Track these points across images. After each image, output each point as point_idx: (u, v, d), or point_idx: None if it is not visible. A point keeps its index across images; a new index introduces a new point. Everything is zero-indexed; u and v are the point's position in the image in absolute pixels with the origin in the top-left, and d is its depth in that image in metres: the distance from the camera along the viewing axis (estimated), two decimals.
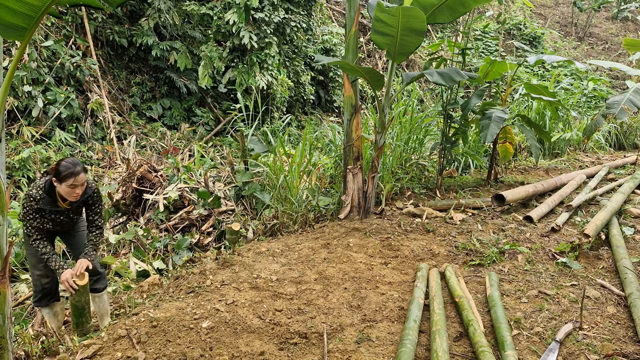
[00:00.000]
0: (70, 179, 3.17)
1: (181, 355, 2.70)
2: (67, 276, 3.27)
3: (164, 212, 5.76)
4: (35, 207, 3.29)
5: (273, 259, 4.19)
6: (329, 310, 3.25)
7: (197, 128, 10.50)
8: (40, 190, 3.30)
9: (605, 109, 6.40)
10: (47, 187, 3.31)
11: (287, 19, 10.54)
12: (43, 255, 3.37)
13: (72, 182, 3.19)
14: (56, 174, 3.19)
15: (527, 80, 12.59)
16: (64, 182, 3.18)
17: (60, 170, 3.18)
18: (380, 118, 5.04)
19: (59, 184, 3.21)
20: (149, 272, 4.84)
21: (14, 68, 2.13)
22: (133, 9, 10.35)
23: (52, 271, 3.66)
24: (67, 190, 3.22)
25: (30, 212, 3.30)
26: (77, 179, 3.19)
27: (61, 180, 3.18)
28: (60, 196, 3.33)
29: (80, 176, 3.21)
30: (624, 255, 3.78)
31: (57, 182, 3.21)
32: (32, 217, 3.32)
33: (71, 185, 3.20)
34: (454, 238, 4.61)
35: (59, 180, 3.19)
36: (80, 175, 3.21)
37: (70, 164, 3.21)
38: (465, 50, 5.93)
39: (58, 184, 3.21)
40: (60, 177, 3.18)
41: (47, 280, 3.63)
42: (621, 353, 2.65)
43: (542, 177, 7.02)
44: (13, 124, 8.13)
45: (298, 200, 5.36)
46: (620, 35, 19.38)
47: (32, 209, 3.30)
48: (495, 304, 3.12)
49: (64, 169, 3.17)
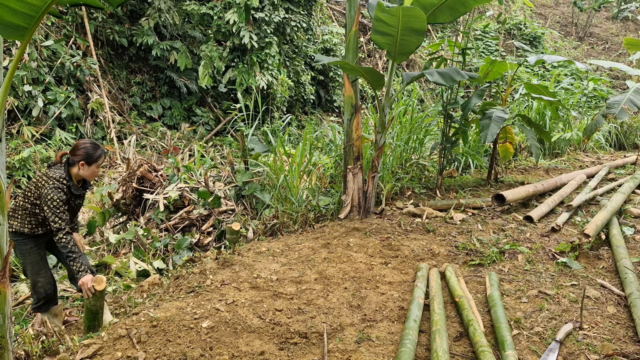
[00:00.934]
0: (101, 158, 3.41)
1: (181, 355, 2.70)
2: (87, 280, 3.25)
3: (164, 211, 5.76)
4: (64, 198, 3.33)
5: (273, 258, 4.19)
6: (329, 310, 3.25)
7: (197, 128, 10.50)
8: (65, 180, 3.39)
9: (606, 109, 6.40)
10: (68, 175, 3.41)
11: (288, 18, 10.54)
12: (72, 254, 3.31)
13: (101, 161, 3.42)
14: (87, 157, 3.35)
15: (528, 80, 12.59)
16: (94, 163, 3.37)
17: (90, 152, 3.36)
18: (381, 118, 5.04)
19: (87, 166, 3.36)
20: (149, 272, 4.84)
21: (14, 68, 2.13)
22: (133, 9, 10.35)
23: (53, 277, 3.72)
24: (94, 170, 3.41)
25: (60, 205, 3.31)
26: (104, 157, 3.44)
27: (92, 161, 3.36)
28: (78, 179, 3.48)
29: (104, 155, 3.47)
30: (624, 255, 3.78)
31: (86, 165, 3.36)
32: (63, 209, 3.34)
33: (99, 165, 3.41)
34: (454, 238, 4.61)
35: (89, 163, 3.35)
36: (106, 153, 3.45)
37: (94, 145, 3.41)
38: (466, 50, 5.93)
39: (87, 166, 3.36)
40: (93, 159, 3.36)
41: (50, 287, 3.63)
42: (621, 353, 2.65)
43: (542, 177, 7.02)
44: (13, 123, 8.13)
45: (298, 200, 5.36)
46: (620, 35, 19.37)
47: (62, 201, 3.32)
48: (495, 304, 3.12)
49: (92, 151, 3.37)
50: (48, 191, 3.30)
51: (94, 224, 5.57)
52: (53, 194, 3.30)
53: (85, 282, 3.25)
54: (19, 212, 3.47)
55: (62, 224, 3.31)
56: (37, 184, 3.42)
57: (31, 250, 3.54)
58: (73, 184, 3.43)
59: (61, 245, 3.32)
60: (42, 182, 3.39)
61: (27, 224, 3.47)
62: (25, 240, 3.52)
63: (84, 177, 3.45)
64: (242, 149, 5.93)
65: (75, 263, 3.31)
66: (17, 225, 3.46)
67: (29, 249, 3.53)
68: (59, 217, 3.31)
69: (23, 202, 3.46)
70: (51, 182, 3.34)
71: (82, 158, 3.35)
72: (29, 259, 3.53)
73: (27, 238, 3.52)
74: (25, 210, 3.46)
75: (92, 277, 3.27)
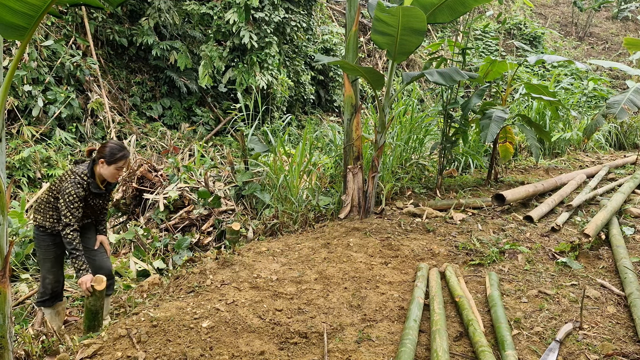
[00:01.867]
0: (121, 161, 3.44)
1: (181, 355, 2.70)
2: (86, 279, 3.29)
3: (164, 211, 5.76)
4: (82, 194, 3.37)
5: (273, 258, 4.19)
6: (329, 310, 3.25)
7: (197, 128, 10.50)
8: (85, 176, 3.42)
9: (606, 109, 6.40)
10: (90, 172, 3.45)
11: (287, 18, 10.54)
12: (75, 252, 3.34)
13: (122, 164, 3.45)
14: (107, 155, 3.39)
15: (528, 80, 12.59)
16: (114, 163, 3.40)
17: (113, 152, 3.40)
18: (381, 118, 5.04)
19: (107, 165, 3.40)
20: (149, 272, 4.85)
21: (14, 68, 2.13)
22: (133, 9, 10.35)
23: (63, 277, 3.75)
24: (113, 172, 3.44)
25: (75, 200, 3.33)
26: (125, 161, 3.47)
27: (112, 162, 3.40)
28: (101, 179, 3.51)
29: (128, 159, 3.50)
30: (624, 255, 3.78)
31: (105, 164, 3.39)
32: (77, 205, 3.36)
33: (119, 167, 3.44)
34: (454, 238, 4.61)
35: (109, 162, 3.39)
36: (128, 158, 3.50)
37: (120, 147, 3.46)
38: (466, 50, 5.92)
39: (106, 165, 3.40)
40: (113, 159, 3.39)
41: (57, 286, 3.65)
42: (621, 353, 2.65)
43: (542, 177, 7.02)
44: (13, 123, 8.13)
45: (298, 200, 5.36)
46: (620, 35, 19.37)
47: (79, 197, 3.35)
48: (495, 304, 3.12)
49: (116, 151, 3.41)
50: (67, 185, 3.35)
51: None
52: (71, 189, 3.33)
53: (84, 281, 3.27)
54: (43, 205, 3.52)
55: (71, 219, 3.32)
56: (62, 177, 3.47)
57: (48, 248, 3.56)
58: (93, 181, 3.45)
59: (67, 241, 3.34)
60: (66, 176, 3.44)
61: (48, 218, 3.50)
62: (45, 236, 3.54)
63: (104, 176, 3.47)
64: (242, 149, 5.93)
65: (77, 261, 3.34)
66: (39, 219, 3.52)
67: (46, 246, 3.55)
68: (71, 212, 3.32)
69: (47, 195, 3.51)
70: (73, 176, 3.39)
71: (104, 156, 3.40)
72: (45, 255, 3.56)
73: (47, 235, 3.53)
74: (49, 204, 3.50)
75: (91, 277, 3.29)
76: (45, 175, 7.53)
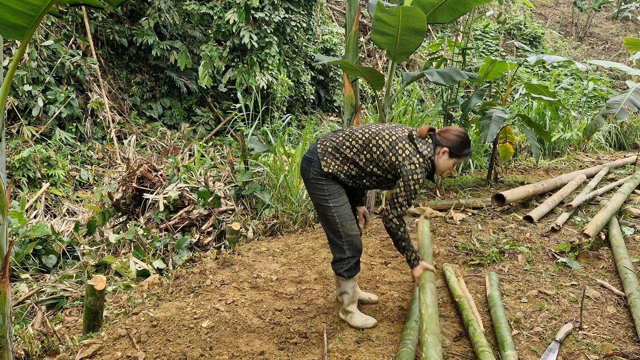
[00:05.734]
0: (466, 157, 2.99)
1: (181, 355, 2.70)
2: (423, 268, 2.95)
3: (164, 211, 5.76)
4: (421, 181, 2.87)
5: (273, 258, 4.19)
6: (329, 310, 3.25)
7: (197, 128, 10.50)
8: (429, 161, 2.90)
9: (606, 109, 6.40)
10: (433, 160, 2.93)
11: (288, 18, 10.54)
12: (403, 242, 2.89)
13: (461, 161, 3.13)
14: (457, 147, 2.91)
15: (528, 80, 12.58)
16: (457, 157, 2.93)
17: (464, 145, 2.93)
18: (381, 118, 5.04)
19: (449, 157, 2.92)
20: (149, 272, 4.84)
21: (14, 67, 2.12)
22: (133, 9, 10.34)
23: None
24: (450, 165, 2.95)
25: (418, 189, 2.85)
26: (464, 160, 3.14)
27: (458, 155, 2.93)
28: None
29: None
30: (624, 255, 3.78)
31: (447, 155, 2.91)
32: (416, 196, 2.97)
33: (458, 163, 3.09)
34: (454, 238, 4.61)
35: (453, 155, 2.91)
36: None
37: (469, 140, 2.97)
38: (466, 50, 5.93)
39: (447, 156, 2.91)
40: (462, 153, 2.93)
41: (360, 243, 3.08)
42: (621, 353, 2.65)
43: (542, 177, 7.02)
44: (13, 123, 8.13)
45: (298, 200, 5.36)
46: (620, 35, 19.37)
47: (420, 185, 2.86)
48: (495, 304, 3.12)
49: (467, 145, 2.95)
50: (416, 168, 2.80)
51: (94, 224, 5.58)
52: (420, 175, 2.81)
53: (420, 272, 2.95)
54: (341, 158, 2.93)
55: (404, 210, 2.84)
56: (399, 150, 2.87)
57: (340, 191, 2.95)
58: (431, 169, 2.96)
59: (391, 232, 2.87)
60: (407, 153, 2.85)
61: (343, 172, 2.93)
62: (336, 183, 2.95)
63: (437, 165, 2.94)
64: (242, 149, 5.93)
65: (406, 252, 2.93)
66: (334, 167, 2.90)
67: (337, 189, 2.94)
68: (408, 201, 2.83)
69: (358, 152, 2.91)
70: (421, 159, 2.84)
71: (450, 145, 2.89)
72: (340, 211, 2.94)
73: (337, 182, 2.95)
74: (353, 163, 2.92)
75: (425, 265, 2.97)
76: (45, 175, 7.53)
